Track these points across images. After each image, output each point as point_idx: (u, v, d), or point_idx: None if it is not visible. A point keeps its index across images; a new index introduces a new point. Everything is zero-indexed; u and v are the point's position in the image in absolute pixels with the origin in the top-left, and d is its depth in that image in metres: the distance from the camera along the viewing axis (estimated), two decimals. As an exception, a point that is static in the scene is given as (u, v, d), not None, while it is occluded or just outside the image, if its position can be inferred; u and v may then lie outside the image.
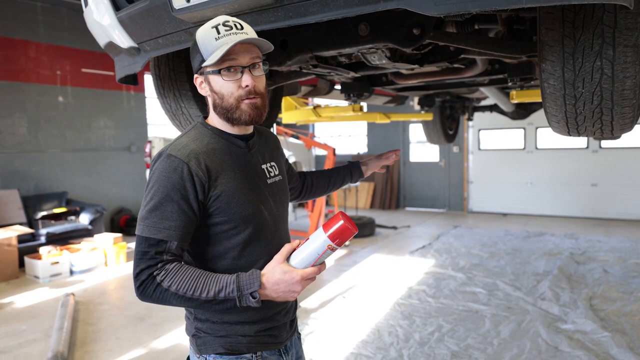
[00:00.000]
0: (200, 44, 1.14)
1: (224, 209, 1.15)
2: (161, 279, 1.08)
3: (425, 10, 1.07)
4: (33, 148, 6.71)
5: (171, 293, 1.08)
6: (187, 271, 1.09)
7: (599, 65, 1.29)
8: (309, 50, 1.81)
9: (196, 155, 1.14)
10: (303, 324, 3.77)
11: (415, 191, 10.38)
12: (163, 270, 1.08)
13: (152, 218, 1.10)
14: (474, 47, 1.82)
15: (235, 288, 1.08)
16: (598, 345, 3.26)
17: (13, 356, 3.35)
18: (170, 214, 1.10)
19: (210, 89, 1.18)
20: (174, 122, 2.41)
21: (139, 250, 1.10)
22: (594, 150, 8.47)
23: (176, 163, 1.11)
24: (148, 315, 4.08)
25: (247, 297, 1.08)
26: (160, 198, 1.10)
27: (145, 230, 1.10)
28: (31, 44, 6.65)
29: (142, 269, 1.09)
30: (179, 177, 1.10)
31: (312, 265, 1.13)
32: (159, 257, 1.09)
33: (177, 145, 1.15)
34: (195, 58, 1.17)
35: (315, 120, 4.32)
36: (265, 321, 1.24)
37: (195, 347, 1.23)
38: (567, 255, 5.65)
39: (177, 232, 1.10)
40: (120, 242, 5.96)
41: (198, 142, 1.17)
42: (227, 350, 1.20)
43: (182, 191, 1.10)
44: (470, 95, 4.57)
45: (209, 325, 1.21)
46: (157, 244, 1.09)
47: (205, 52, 1.14)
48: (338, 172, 1.72)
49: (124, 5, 1.64)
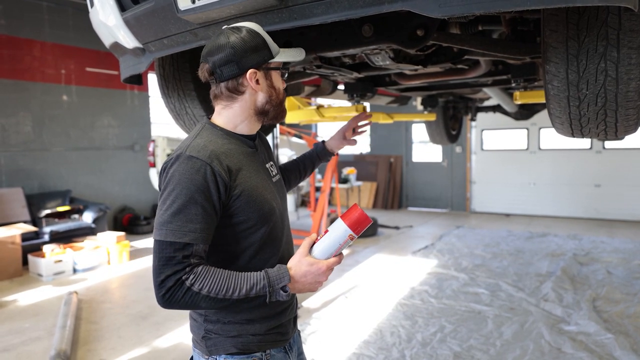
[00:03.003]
0: (267, 39, 1.20)
1: (244, 208, 1.17)
2: (191, 283, 1.06)
3: (430, 12, 1.08)
4: (37, 146, 6.74)
5: (202, 296, 1.06)
6: (216, 273, 1.09)
7: (603, 67, 1.29)
8: (313, 51, 1.82)
9: (217, 156, 1.14)
10: (305, 324, 3.78)
11: (418, 191, 10.37)
12: (192, 274, 1.06)
13: (176, 222, 1.07)
14: (478, 48, 1.82)
15: (267, 284, 1.10)
16: (601, 346, 3.25)
17: (16, 354, 3.36)
18: (195, 217, 1.08)
19: (269, 84, 1.24)
20: (177, 121, 2.42)
21: (163, 256, 1.07)
22: (598, 151, 8.45)
23: (199, 164, 1.10)
24: (150, 314, 4.10)
25: (278, 292, 1.12)
26: (184, 201, 1.08)
27: (169, 235, 1.07)
28: (36, 43, 6.68)
29: (168, 275, 1.06)
30: (203, 178, 1.10)
31: (334, 256, 1.20)
32: (186, 261, 1.07)
33: (196, 147, 1.14)
34: (258, 52, 1.19)
35: (318, 120, 4.33)
36: (274, 319, 1.26)
37: (205, 348, 1.23)
38: (570, 256, 5.63)
39: (202, 234, 1.09)
40: (123, 240, 5.98)
41: (214, 143, 1.18)
42: (238, 350, 1.21)
43: (206, 193, 1.10)
44: (473, 96, 4.56)
45: (220, 327, 1.22)
46: (184, 248, 1.07)
47: (273, 47, 1.21)
48: (305, 157, 1.73)
49: (129, 6, 1.65)
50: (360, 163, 10.72)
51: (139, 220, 7.75)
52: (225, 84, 1.20)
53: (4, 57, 6.33)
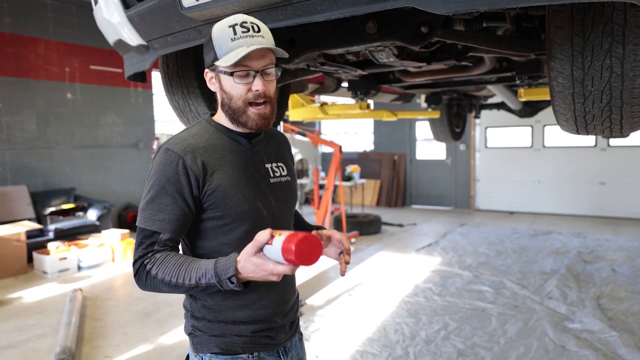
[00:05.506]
0: (215, 41, 1.13)
1: (219, 204, 1.16)
2: (150, 267, 1.11)
3: (434, 8, 1.07)
4: (42, 144, 6.77)
5: (159, 280, 1.11)
6: (172, 259, 1.12)
7: (608, 64, 1.28)
8: (317, 48, 1.82)
9: (193, 150, 1.15)
10: (309, 321, 3.78)
11: (422, 189, 10.36)
12: (152, 259, 1.12)
13: (148, 210, 1.14)
14: (482, 45, 1.82)
15: (214, 275, 1.07)
16: (606, 344, 3.24)
17: (21, 351, 3.39)
18: (165, 207, 1.13)
19: (220, 87, 1.19)
20: (181, 119, 2.43)
21: (137, 240, 1.15)
22: (602, 148, 8.41)
23: (172, 157, 1.14)
24: (155, 311, 4.11)
25: (226, 282, 1.07)
26: (156, 190, 1.14)
27: (142, 222, 1.14)
28: (40, 41, 6.70)
29: (136, 259, 1.14)
30: (174, 170, 1.13)
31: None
32: (150, 247, 1.13)
33: (176, 140, 1.18)
34: (208, 53, 1.16)
35: (322, 117, 4.33)
36: (261, 322, 1.23)
37: (192, 345, 1.24)
38: (574, 254, 5.62)
39: (170, 224, 1.13)
40: (127, 238, 6.00)
41: (198, 137, 1.19)
42: (222, 350, 1.20)
43: (177, 185, 1.13)
44: (477, 93, 4.55)
45: (204, 324, 1.21)
46: (152, 235, 1.13)
47: (219, 50, 1.13)
48: (304, 227, 1.50)
49: (133, 3, 1.65)
50: (363, 160, 10.71)
51: (143, 218, 7.76)
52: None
53: (9, 55, 6.36)
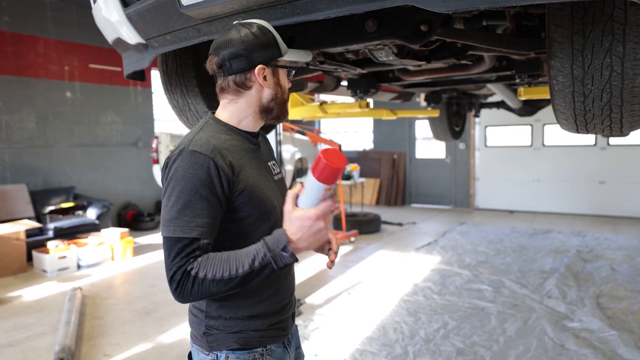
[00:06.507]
0: (277, 37, 1.20)
1: (246, 204, 1.17)
2: (195, 272, 1.08)
3: (434, 7, 1.07)
4: (41, 143, 6.77)
5: (209, 281, 1.07)
6: (215, 256, 1.10)
7: (608, 62, 1.28)
8: (316, 47, 1.81)
9: (219, 150, 1.14)
10: (308, 320, 3.78)
11: (421, 188, 10.36)
12: (196, 264, 1.08)
13: (183, 217, 1.09)
14: (482, 44, 1.81)
15: (267, 251, 1.09)
16: (605, 343, 3.24)
17: (21, 349, 3.38)
18: (201, 211, 1.09)
19: (276, 81, 1.24)
20: (181, 118, 2.42)
21: (173, 252, 1.09)
22: (602, 147, 8.41)
23: (202, 159, 1.11)
24: (154, 310, 4.11)
25: (281, 255, 1.09)
26: (189, 196, 1.09)
27: (177, 231, 1.09)
28: (40, 40, 6.69)
29: (175, 271, 1.08)
30: (206, 172, 1.10)
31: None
32: (192, 255, 1.09)
33: (199, 142, 1.14)
34: (267, 49, 1.19)
35: (322, 116, 4.33)
36: (275, 314, 1.27)
37: (206, 344, 1.23)
38: (574, 253, 5.62)
39: (209, 228, 1.11)
40: (127, 237, 6.00)
41: (216, 138, 1.18)
42: (240, 346, 1.22)
43: (211, 187, 1.11)
44: (477, 92, 4.55)
45: (221, 322, 1.22)
46: (191, 242, 1.08)
47: (282, 46, 1.22)
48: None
49: (132, 1, 1.64)
50: (363, 159, 10.71)
51: (143, 217, 7.78)
52: (233, 78, 1.21)
53: (8, 53, 6.35)
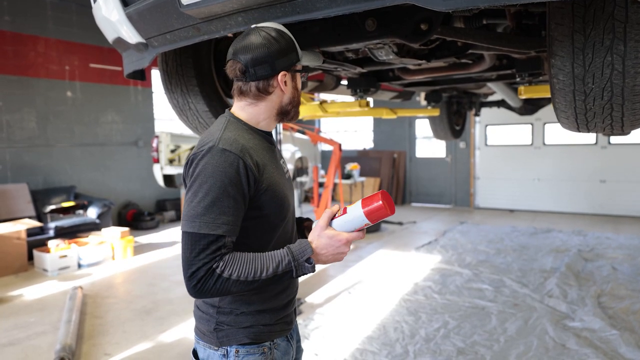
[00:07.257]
0: (294, 40, 1.24)
1: (267, 202, 1.20)
2: (221, 270, 1.10)
3: (434, 5, 1.07)
4: (42, 142, 6.77)
5: (233, 281, 1.10)
6: (242, 257, 1.13)
7: (609, 61, 1.27)
8: (316, 46, 1.81)
9: (247, 150, 1.17)
10: (309, 319, 3.78)
11: (422, 187, 10.35)
12: (221, 262, 1.10)
13: (210, 214, 1.10)
14: (482, 43, 1.81)
15: (292, 259, 1.14)
16: (606, 343, 3.24)
17: (22, 348, 3.39)
18: (227, 209, 1.12)
19: (294, 86, 1.28)
20: (181, 117, 2.42)
21: (197, 248, 1.10)
22: (603, 146, 8.40)
23: (232, 158, 1.13)
24: (154, 309, 4.11)
25: (303, 265, 1.15)
26: (217, 193, 1.11)
27: (203, 227, 1.10)
28: (40, 40, 6.69)
29: (199, 267, 1.09)
30: (235, 171, 1.13)
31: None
32: (217, 252, 1.10)
33: (228, 140, 1.16)
34: (289, 55, 1.22)
35: (322, 115, 4.31)
36: (282, 309, 1.31)
37: (216, 340, 1.25)
38: (575, 252, 5.62)
39: (235, 227, 1.14)
40: (127, 236, 6.01)
41: (242, 137, 1.21)
42: (251, 340, 1.25)
43: (239, 186, 1.13)
44: (477, 91, 4.54)
45: (232, 318, 1.25)
46: (217, 240, 1.10)
47: (299, 49, 1.25)
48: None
49: (132, 1, 1.64)
50: (363, 159, 10.70)
51: (143, 216, 7.79)
52: (256, 84, 1.22)
53: (9, 53, 6.35)
